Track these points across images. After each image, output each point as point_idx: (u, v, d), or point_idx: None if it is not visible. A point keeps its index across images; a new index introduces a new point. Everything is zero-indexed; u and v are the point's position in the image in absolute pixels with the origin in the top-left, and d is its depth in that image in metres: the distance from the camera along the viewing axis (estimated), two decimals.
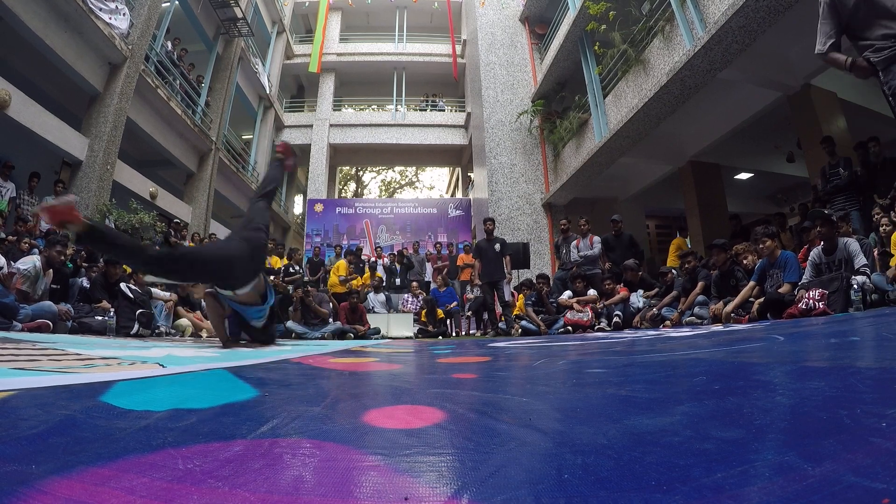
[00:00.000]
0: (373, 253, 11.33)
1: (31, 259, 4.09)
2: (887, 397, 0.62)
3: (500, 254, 6.24)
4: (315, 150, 14.38)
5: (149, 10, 8.07)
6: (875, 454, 0.40)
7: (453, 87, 16.12)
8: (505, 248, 6.33)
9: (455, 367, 1.67)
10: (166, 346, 2.73)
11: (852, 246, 3.65)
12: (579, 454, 0.48)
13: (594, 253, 6.41)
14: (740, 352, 1.38)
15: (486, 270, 6.23)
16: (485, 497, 0.38)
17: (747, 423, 0.55)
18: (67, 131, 6.91)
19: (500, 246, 6.27)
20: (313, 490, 0.41)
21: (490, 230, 6.40)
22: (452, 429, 0.65)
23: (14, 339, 2.42)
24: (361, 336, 6.19)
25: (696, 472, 0.41)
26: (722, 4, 5.08)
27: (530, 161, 10.76)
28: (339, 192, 19.02)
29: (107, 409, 0.74)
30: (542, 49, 11.20)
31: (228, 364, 1.60)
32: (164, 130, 9.27)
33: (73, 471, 0.44)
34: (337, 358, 2.20)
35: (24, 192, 6.34)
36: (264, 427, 0.65)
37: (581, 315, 5.68)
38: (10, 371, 1.13)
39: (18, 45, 6.53)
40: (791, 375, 0.87)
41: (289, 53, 15.60)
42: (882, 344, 1.32)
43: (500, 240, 6.41)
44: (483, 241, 6.43)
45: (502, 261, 6.24)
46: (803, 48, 6.02)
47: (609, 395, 0.87)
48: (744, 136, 8.18)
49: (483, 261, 6.28)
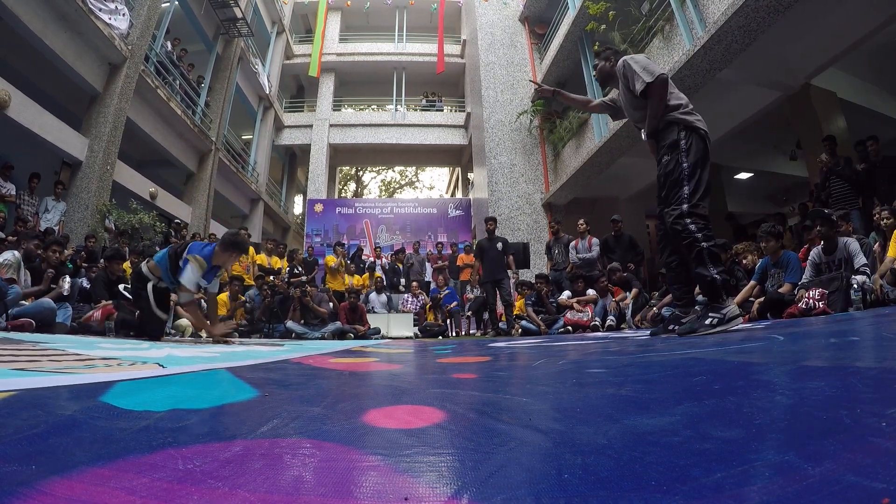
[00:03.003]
0: (373, 253, 11.33)
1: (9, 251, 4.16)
2: (887, 397, 0.62)
3: (501, 253, 6.21)
4: (315, 150, 14.39)
5: (149, 10, 8.07)
6: (875, 454, 0.40)
7: (453, 87, 16.12)
8: (507, 248, 6.31)
9: (455, 367, 1.67)
10: (166, 346, 2.73)
11: (852, 246, 3.65)
12: (579, 454, 0.49)
13: (592, 256, 6.39)
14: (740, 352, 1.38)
15: (487, 270, 6.20)
16: (485, 497, 0.38)
17: (747, 423, 0.55)
18: (67, 131, 6.91)
19: (502, 245, 6.24)
20: (313, 490, 0.41)
21: (492, 230, 6.38)
22: (452, 429, 0.65)
23: (14, 339, 2.42)
24: (361, 336, 6.19)
25: (696, 472, 0.41)
26: (722, 4, 5.08)
27: (530, 161, 10.76)
28: (339, 192, 19.03)
29: (107, 410, 0.74)
30: (541, 49, 11.21)
31: (228, 364, 1.60)
32: (164, 130, 9.27)
33: (73, 471, 0.44)
34: (337, 358, 2.20)
35: (24, 193, 6.34)
36: (264, 427, 0.65)
37: (581, 315, 5.69)
38: (10, 371, 1.13)
39: (18, 45, 6.53)
40: (791, 375, 0.87)
41: (288, 53, 15.61)
42: (882, 344, 1.32)
43: (502, 239, 6.38)
44: (485, 240, 6.40)
45: (504, 260, 6.21)
46: (803, 48, 6.03)
47: (609, 395, 0.87)
48: (743, 136, 8.19)
49: (485, 260, 6.25)
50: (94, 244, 6.38)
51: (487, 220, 6.50)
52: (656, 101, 2.38)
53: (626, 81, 2.51)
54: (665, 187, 2.39)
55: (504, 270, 6.18)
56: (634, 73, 2.42)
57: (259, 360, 1.90)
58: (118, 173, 7.77)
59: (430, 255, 10.16)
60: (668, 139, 2.39)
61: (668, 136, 2.39)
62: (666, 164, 2.37)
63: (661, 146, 2.41)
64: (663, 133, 2.43)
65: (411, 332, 6.92)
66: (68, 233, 6.51)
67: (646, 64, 2.43)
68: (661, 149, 2.42)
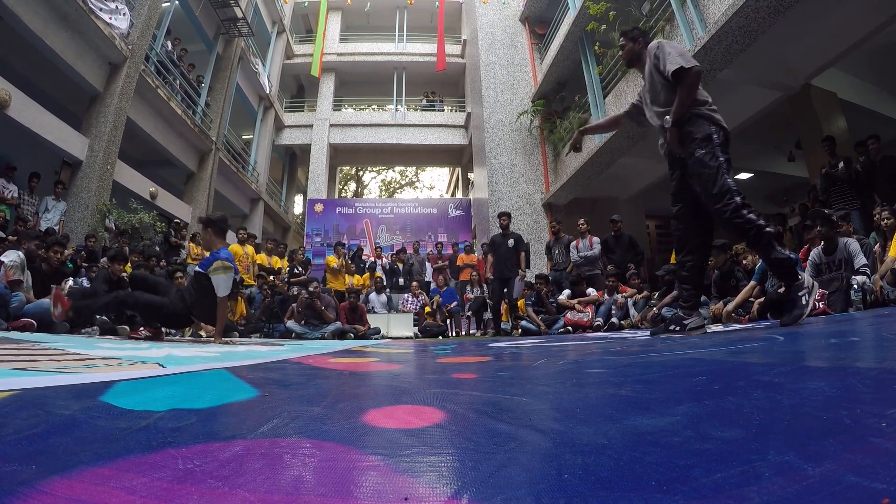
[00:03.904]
0: (373, 253, 11.33)
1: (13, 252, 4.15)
2: (887, 397, 0.62)
3: (513, 250, 5.96)
4: (315, 150, 14.38)
5: (149, 10, 8.07)
6: (875, 454, 0.40)
7: (453, 87, 16.12)
8: (519, 245, 6.05)
9: (455, 367, 1.67)
10: (166, 346, 2.73)
11: (852, 246, 3.65)
12: (579, 454, 0.49)
13: (594, 254, 6.38)
14: (740, 352, 1.38)
15: (497, 266, 6.00)
16: (485, 497, 0.38)
17: (747, 423, 0.55)
18: (67, 131, 6.91)
19: (515, 241, 5.99)
20: (313, 490, 0.41)
21: (505, 224, 6.10)
22: (452, 429, 0.65)
23: (14, 339, 2.42)
24: (361, 336, 6.18)
25: (696, 472, 0.41)
26: (722, 4, 5.08)
27: (530, 161, 10.76)
28: (339, 192, 19.03)
29: (107, 410, 0.74)
30: (542, 49, 11.20)
31: (228, 364, 1.60)
32: (164, 130, 9.27)
33: (73, 471, 0.44)
34: (337, 358, 2.20)
35: (24, 193, 6.34)
36: (264, 427, 0.65)
37: (581, 315, 5.69)
38: (10, 371, 1.13)
39: (18, 45, 6.53)
40: (791, 375, 0.87)
41: (289, 53, 15.61)
42: (882, 344, 1.32)
43: (516, 235, 6.14)
44: (498, 235, 6.12)
45: (515, 257, 5.98)
46: (803, 48, 6.03)
47: (609, 395, 0.87)
48: (744, 137, 8.18)
49: (495, 256, 6.02)
50: (95, 244, 6.38)
51: (501, 216, 6.24)
52: (689, 89, 2.34)
53: (656, 62, 2.46)
54: (701, 180, 2.32)
55: (514, 268, 5.95)
56: (668, 55, 2.38)
57: (259, 360, 1.90)
58: (118, 173, 7.77)
59: (430, 255, 10.16)
60: (699, 133, 2.34)
61: (699, 129, 2.35)
62: (701, 157, 2.30)
63: (693, 139, 2.36)
64: (690, 126, 2.38)
65: (411, 332, 6.91)
66: (68, 232, 6.52)
67: (682, 51, 2.41)
68: (691, 142, 2.36)
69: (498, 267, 5.98)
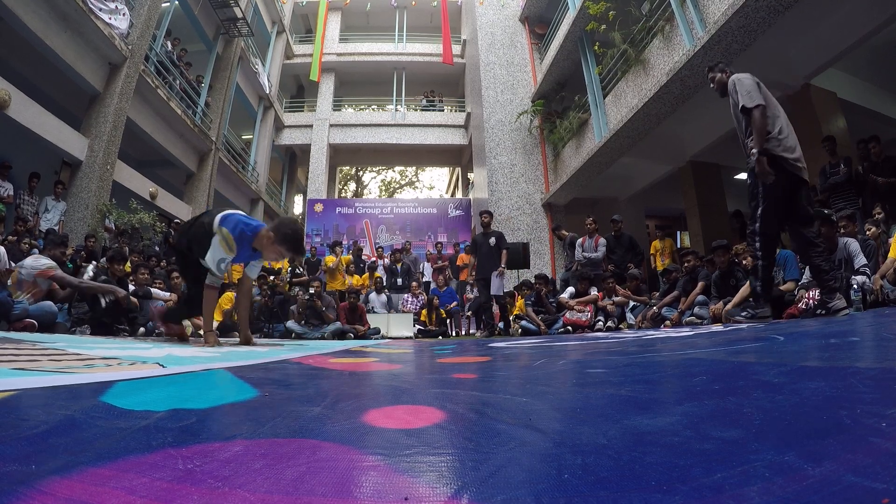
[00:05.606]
0: (373, 253, 11.33)
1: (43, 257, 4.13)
2: (887, 397, 0.62)
3: (495, 248, 5.73)
4: (315, 150, 14.39)
5: (149, 10, 8.07)
6: (875, 454, 0.40)
7: (453, 87, 16.12)
8: (501, 243, 5.80)
9: (455, 367, 1.67)
10: (166, 346, 2.73)
11: (852, 246, 3.65)
12: (579, 454, 0.49)
13: (598, 256, 6.33)
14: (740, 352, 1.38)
15: (481, 266, 5.78)
16: (485, 497, 0.38)
17: (747, 423, 0.55)
18: (67, 131, 6.91)
19: (496, 240, 5.77)
20: (313, 490, 0.41)
21: (486, 223, 5.91)
22: (452, 429, 0.65)
23: (14, 339, 2.42)
24: (361, 336, 6.18)
25: (696, 472, 0.41)
26: (722, 4, 5.08)
27: (530, 161, 10.76)
28: (339, 192, 19.03)
29: (107, 410, 0.74)
30: (542, 49, 11.21)
31: (228, 364, 1.60)
32: (164, 130, 9.28)
33: (73, 471, 0.44)
34: (337, 358, 2.19)
35: (23, 192, 6.34)
36: (264, 427, 0.65)
37: (581, 315, 5.68)
38: (10, 371, 1.13)
39: (18, 45, 6.54)
40: (791, 375, 0.87)
41: (288, 53, 15.61)
42: (882, 344, 1.32)
43: (497, 233, 5.91)
44: (479, 234, 5.95)
45: (497, 255, 5.72)
46: (803, 48, 6.02)
47: (609, 395, 0.87)
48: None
49: (478, 256, 5.83)
50: (94, 244, 6.39)
51: (482, 214, 6.01)
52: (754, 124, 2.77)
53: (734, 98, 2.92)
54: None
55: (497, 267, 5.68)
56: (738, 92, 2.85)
57: (259, 360, 1.90)
58: (118, 173, 7.77)
59: (429, 255, 10.16)
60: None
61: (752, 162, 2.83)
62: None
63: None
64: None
65: (411, 332, 6.91)
66: (68, 232, 6.52)
67: (750, 88, 2.82)
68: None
69: (481, 267, 5.80)
